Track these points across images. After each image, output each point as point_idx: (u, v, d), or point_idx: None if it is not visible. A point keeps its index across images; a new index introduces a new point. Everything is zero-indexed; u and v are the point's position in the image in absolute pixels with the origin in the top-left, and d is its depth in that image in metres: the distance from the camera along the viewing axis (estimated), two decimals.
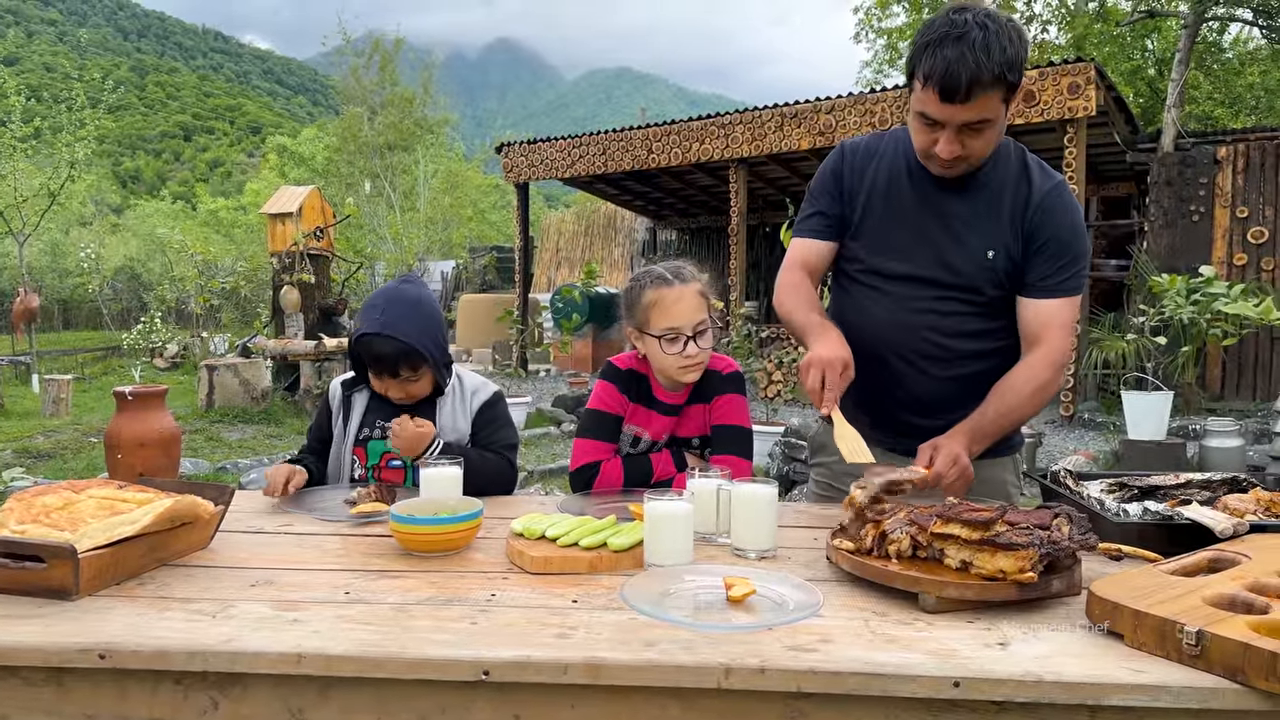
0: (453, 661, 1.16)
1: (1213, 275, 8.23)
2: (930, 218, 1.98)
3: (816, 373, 1.79)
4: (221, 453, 7.84)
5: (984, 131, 1.82)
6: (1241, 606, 1.20)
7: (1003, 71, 1.72)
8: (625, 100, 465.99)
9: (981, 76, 1.71)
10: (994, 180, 1.96)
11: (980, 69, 1.71)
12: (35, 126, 17.17)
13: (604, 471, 2.16)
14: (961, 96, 1.74)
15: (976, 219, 1.96)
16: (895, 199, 2.02)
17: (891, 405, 2.06)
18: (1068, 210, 1.96)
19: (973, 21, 1.74)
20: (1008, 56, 1.72)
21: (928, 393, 2.02)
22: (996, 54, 1.71)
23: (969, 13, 1.76)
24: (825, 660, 1.15)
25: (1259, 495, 1.71)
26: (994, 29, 1.73)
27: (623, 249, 19.70)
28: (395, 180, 27.15)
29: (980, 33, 1.72)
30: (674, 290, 2.12)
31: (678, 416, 2.25)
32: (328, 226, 10.93)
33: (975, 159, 1.89)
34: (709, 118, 11.91)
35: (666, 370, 2.17)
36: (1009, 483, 2.15)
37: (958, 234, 1.96)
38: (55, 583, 1.35)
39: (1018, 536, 1.33)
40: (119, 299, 26.67)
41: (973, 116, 1.78)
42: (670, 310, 2.11)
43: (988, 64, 1.71)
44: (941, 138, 1.82)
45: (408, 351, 2.17)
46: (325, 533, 1.81)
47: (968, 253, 1.96)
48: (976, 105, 1.76)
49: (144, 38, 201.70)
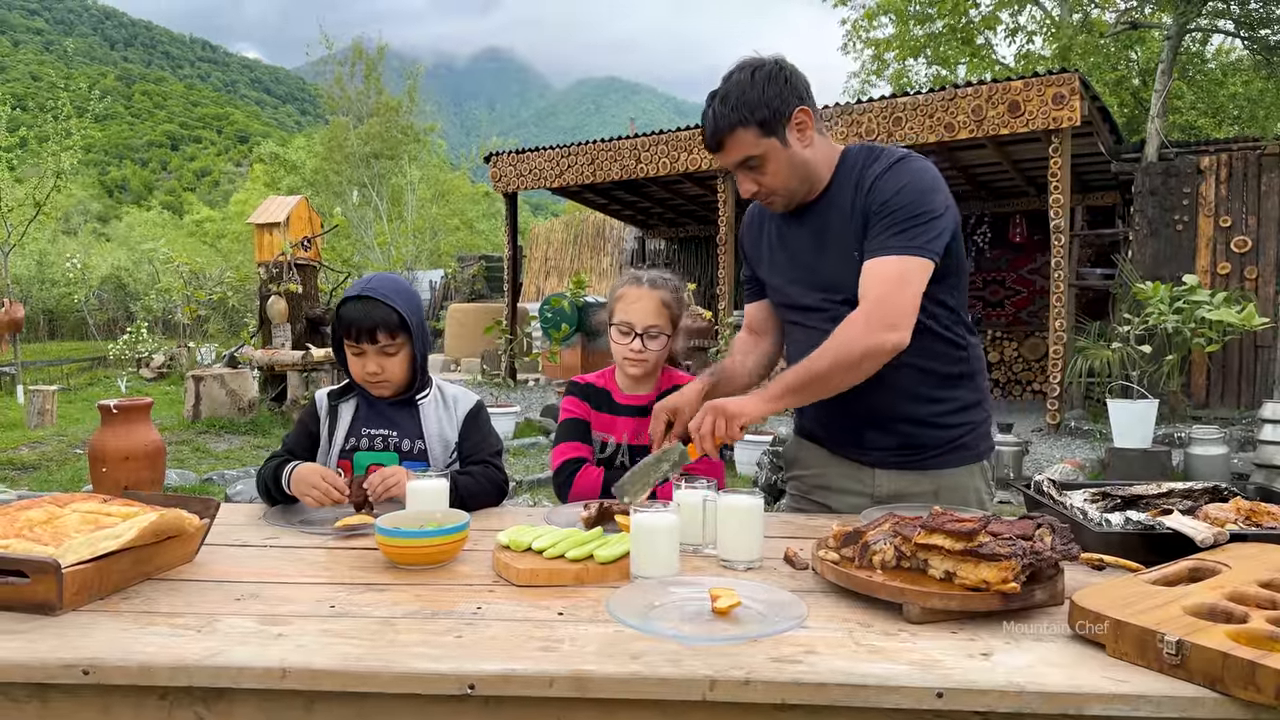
0: (438, 675, 1.16)
1: (1196, 284, 8.30)
2: (808, 246, 2.08)
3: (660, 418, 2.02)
4: (208, 463, 7.80)
5: (763, 167, 1.96)
6: (1221, 615, 1.22)
7: (742, 115, 1.90)
8: (614, 110, 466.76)
9: (720, 125, 1.92)
10: (838, 191, 2.03)
11: (718, 119, 1.93)
12: (21, 136, 17.07)
13: (583, 473, 2.27)
14: (714, 146, 1.96)
15: (836, 227, 2.02)
16: (783, 242, 2.15)
17: (844, 420, 2.11)
18: (900, 176, 1.94)
19: (725, 79, 1.95)
20: (748, 99, 1.89)
21: (868, 404, 2.03)
22: (734, 100, 1.90)
23: (732, 71, 1.95)
24: (809, 672, 1.15)
25: (1239, 504, 1.73)
26: (738, 78, 1.92)
27: (611, 258, 19.70)
28: (382, 189, 27.13)
29: (723, 87, 1.93)
30: (638, 290, 2.30)
31: (637, 420, 2.32)
32: (315, 236, 10.91)
33: (779, 190, 2.00)
34: (698, 128, 11.91)
35: (617, 359, 2.34)
36: (980, 489, 2.16)
37: (829, 249, 2.03)
38: (38, 598, 1.35)
39: (1001, 547, 1.34)
40: (105, 309, 26.54)
41: (735, 158, 1.96)
42: (630, 306, 2.29)
43: (724, 113, 1.91)
44: (739, 181, 2.02)
45: (388, 313, 2.20)
46: (311, 545, 1.81)
47: (842, 261, 1.99)
48: (733, 149, 1.95)
49: (131, 46, 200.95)
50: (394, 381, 2.29)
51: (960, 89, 9.53)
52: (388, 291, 2.22)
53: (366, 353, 2.23)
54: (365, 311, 2.20)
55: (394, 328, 2.22)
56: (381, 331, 2.21)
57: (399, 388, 2.31)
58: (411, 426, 2.30)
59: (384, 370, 2.25)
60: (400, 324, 2.22)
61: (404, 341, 2.25)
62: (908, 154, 2.00)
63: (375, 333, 2.20)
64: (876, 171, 1.97)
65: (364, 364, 2.25)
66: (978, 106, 9.31)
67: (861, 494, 2.12)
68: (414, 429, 2.30)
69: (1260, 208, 9.59)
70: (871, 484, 2.11)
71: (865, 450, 2.11)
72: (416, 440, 2.29)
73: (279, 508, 2.13)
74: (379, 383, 2.27)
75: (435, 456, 2.28)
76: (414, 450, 2.28)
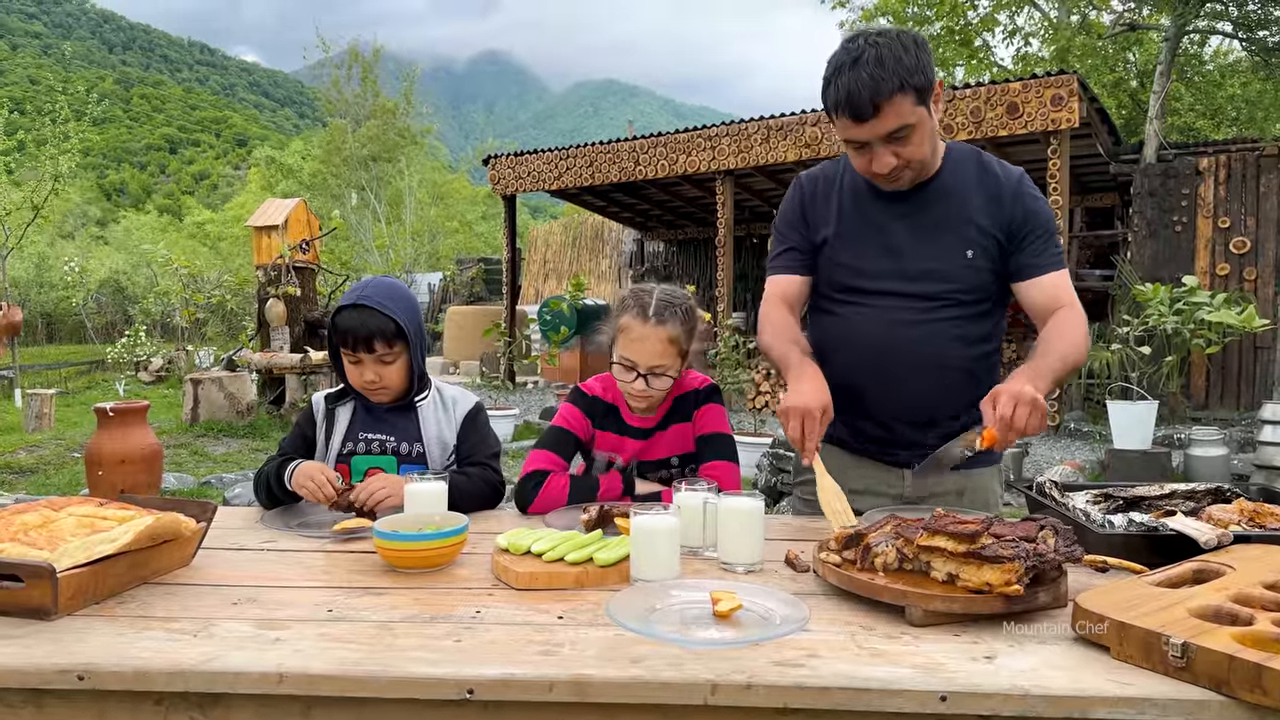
0: (436, 680, 1.15)
1: (1196, 285, 8.30)
2: (903, 230, 2.02)
3: (796, 422, 1.82)
4: (206, 467, 7.79)
5: (910, 137, 1.87)
6: (1226, 618, 1.21)
7: (902, 78, 1.79)
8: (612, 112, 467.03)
9: (881, 89, 1.78)
10: (955, 183, 2.01)
11: (878, 82, 1.78)
12: (19, 139, 17.07)
13: (549, 484, 2.13)
14: (870, 113, 1.81)
15: (949, 221, 1.99)
16: (865, 218, 2.05)
17: (880, 417, 2.08)
18: (1036, 193, 2.03)
19: (865, 44, 1.81)
20: (904, 64, 1.79)
21: (917, 402, 2.03)
22: (891, 64, 1.78)
23: (860, 38, 1.84)
24: (812, 675, 1.14)
25: (1242, 506, 1.72)
26: (885, 43, 1.80)
27: (610, 260, 19.70)
28: (381, 192, 27.14)
29: (873, 50, 1.79)
30: (644, 328, 2.12)
31: (647, 440, 2.26)
32: (314, 239, 10.89)
33: (917, 163, 1.93)
34: (696, 130, 11.95)
35: (620, 389, 2.21)
36: (997, 492, 2.18)
37: (933, 239, 2.00)
38: (33, 602, 1.33)
39: (1004, 549, 1.33)
40: (103, 312, 26.53)
41: (891, 126, 1.83)
42: (633, 345, 2.13)
43: (884, 76, 1.78)
44: (873, 156, 1.89)
45: (385, 322, 2.15)
46: (308, 549, 1.80)
47: (947, 255, 1.99)
48: (888, 116, 1.82)
49: (129, 50, 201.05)
50: (392, 388, 2.25)
51: (959, 91, 9.54)
52: (384, 299, 2.17)
53: (364, 361, 2.19)
54: (362, 320, 2.15)
55: (391, 336, 2.17)
56: (379, 340, 2.16)
57: (397, 394, 2.27)
58: (409, 430, 2.28)
59: (382, 378, 2.21)
60: (398, 332, 2.17)
61: (401, 349, 2.20)
62: (1022, 170, 2.07)
63: (372, 342, 2.15)
64: (1011, 179, 2.01)
65: (361, 372, 2.20)
66: (976, 108, 9.31)
67: (889, 495, 2.10)
68: (412, 432, 2.28)
69: (1259, 209, 9.60)
70: (901, 485, 2.10)
71: (897, 451, 2.09)
72: (415, 443, 2.27)
73: (277, 511, 2.12)
74: (377, 390, 2.23)
75: (433, 459, 2.26)
76: (412, 454, 2.26)
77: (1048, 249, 1.99)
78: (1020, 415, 1.68)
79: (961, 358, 2.01)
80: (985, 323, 2.04)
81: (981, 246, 1.98)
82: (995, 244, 1.99)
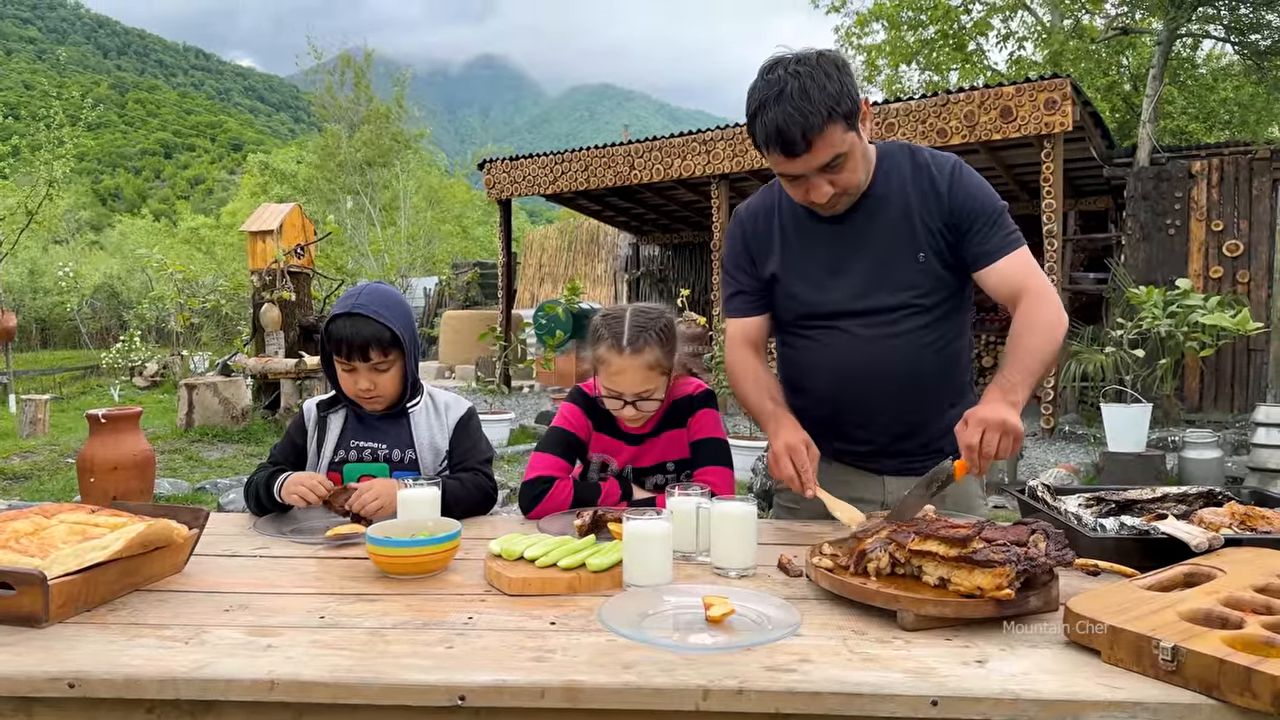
0: (428, 687, 1.15)
1: (1189, 288, 8.32)
2: (849, 248, 1.99)
3: (786, 460, 1.88)
4: (201, 472, 7.76)
5: (844, 165, 1.84)
6: (1217, 621, 1.21)
7: (829, 107, 1.75)
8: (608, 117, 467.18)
9: (811, 122, 1.74)
10: (891, 187, 1.98)
11: (807, 116, 1.74)
12: (13, 144, 17.07)
13: (555, 491, 2.15)
14: (802, 148, 1.77)
15: (893, 228, 1.97)
16: (809, 245, 2.03)
17: (860, 436, 2.08)
18: (974, 179, 1.98)
19: (786, 74, 1.77)
20: (829, 93, 1.75)
21: (895, 418, 2.04)
22: (816, 95, 1.74)
23: (779, 67, 1.79)
24: (803, 680, 1.14)
25: (1234, 509, 1.73)
26: (806, 72, 1.76)
27: (606, 264, 19.70)
28: (376, 196, 27.12)
29: (795, 82, 1.75)
30: (621, 360, 2.10)
31: (641, 445, 2.27)
32: (309, 243, 10.88)
33: (853, 188, 1.91)
34: (691, 134, 11.96)
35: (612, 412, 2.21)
36: (977, 495, 2.18)
37: (881, 250, 1.97)
38: (24, 610, 1.33)
39: (995, 553, 1.33)
40: (98, 318, 26.48)
41: (825, 158, 1.80)
42: (614, 378, 2.12)
43: (811, 109, 1.74)
44: (809, 186, 1.86)
45: (380, 330, 2.14)
46: (301, 555, 1.80)
47: (898, 263, 1.96)
48: (820, 149, 1.78)
49: (124, 55, 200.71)
50: (386, 397, 2.24)
51: (952, 95, 9.56)
52: (379, 307, 2.15)
53: (358, 370, 2.18)
54: (357, 329, 2.14)
55: (387, 345, 2.16)
56: (374, 349, 2.15)
57: (390, 402, 2.26)
58: (402, 436, 2.27)
59: (376, 386, 2.20)
60: (393, 340, 2.16)
61: (396, 357, 2.20)
62: (958, 158, 2.02)
63: (368, 350, 2.14)
64: (945, 171, 1.97)
65: (355, 380, 2.19)
66: (970, 112, 9.34)
67: (872, 502, 2.09)
68: (404, 439, 2.27)
69: (1252, 212, 9.63)
70: (882, 492, 2.10)
71: (880, 460, 2.09)
72: (407, 450, 2.27)
73: (269, 517, 2.11)
74: (371, 399, 2.23)
75: (426, 465, 2.26)
76: (404, 460, 2.26)
77: (996, 233, 1.93)
78: (990, 441, 1.67)
79: (934, 363, 2.00)
80: (953, 321, 2.01)
81: (931, 246, 1.95)
82: (943, 239, 1.95)
